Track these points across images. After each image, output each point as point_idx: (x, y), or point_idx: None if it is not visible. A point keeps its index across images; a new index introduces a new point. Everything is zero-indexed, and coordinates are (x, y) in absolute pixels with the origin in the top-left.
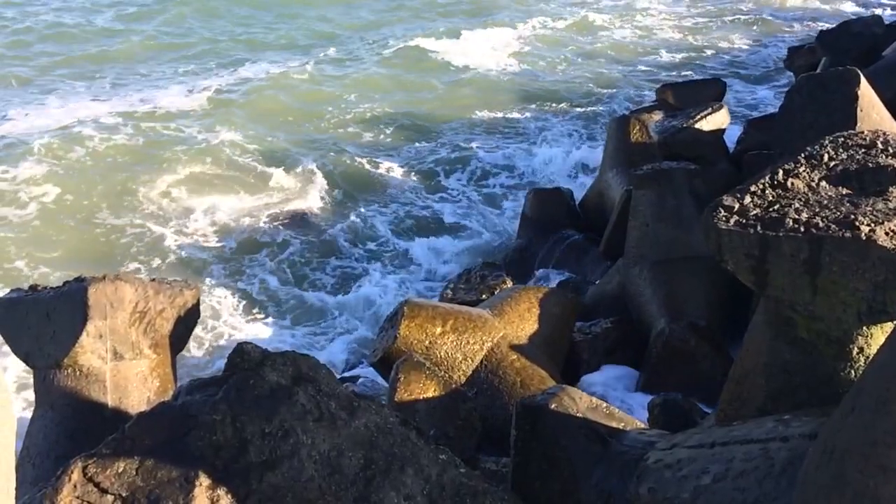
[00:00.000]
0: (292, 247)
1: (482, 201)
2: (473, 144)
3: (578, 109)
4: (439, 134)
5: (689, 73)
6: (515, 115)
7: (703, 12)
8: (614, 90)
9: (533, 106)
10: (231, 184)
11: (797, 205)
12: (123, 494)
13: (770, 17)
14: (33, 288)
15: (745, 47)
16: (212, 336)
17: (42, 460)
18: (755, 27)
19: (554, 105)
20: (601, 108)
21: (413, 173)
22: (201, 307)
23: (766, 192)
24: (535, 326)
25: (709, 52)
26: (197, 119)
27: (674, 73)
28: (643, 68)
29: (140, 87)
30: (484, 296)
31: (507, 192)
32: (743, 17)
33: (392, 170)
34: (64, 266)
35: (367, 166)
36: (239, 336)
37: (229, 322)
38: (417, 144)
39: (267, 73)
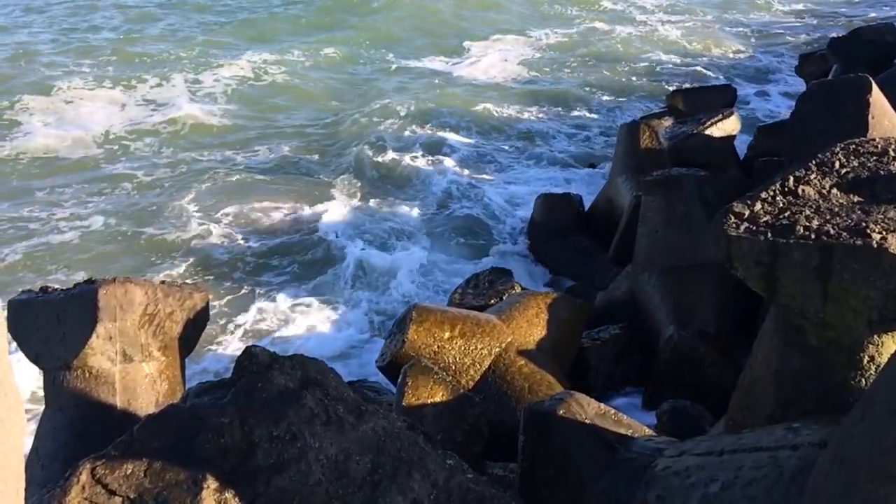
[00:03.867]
0: (307, 250)
1: (495, 205)
2: (485, 149)
3: (588, 115)
4: (450, 136)
5: (700, 78)
6: (523, 121)
7: (714, 18)
8: (624, 96)
9: (542, 113)
10: (248, 188)
11: (808, 212)
12: (131, 496)
13: (781, 24)
14: (44, 290)
15: (757, 53)
16: (222, 338)
17: (51, 461)
18: (766, 33)
19: (563, 111)
20: (611, 113)
21: (425, 179)
22: (211, 310)
23: (777, 198)
24: (544, 332)
25: (719, 57)
26: (213, 132)
27: (684, 79)
28: (653, 74)
29: (155, 89)
30: (492, 301)
31: (519, 198)
32: (754, 24)
33: (405, 174)
34: (87, 271)
35: (383, 171)
36: (250, 339)
37: (240, 325)
38: (429, 150)
39: (275, 67)
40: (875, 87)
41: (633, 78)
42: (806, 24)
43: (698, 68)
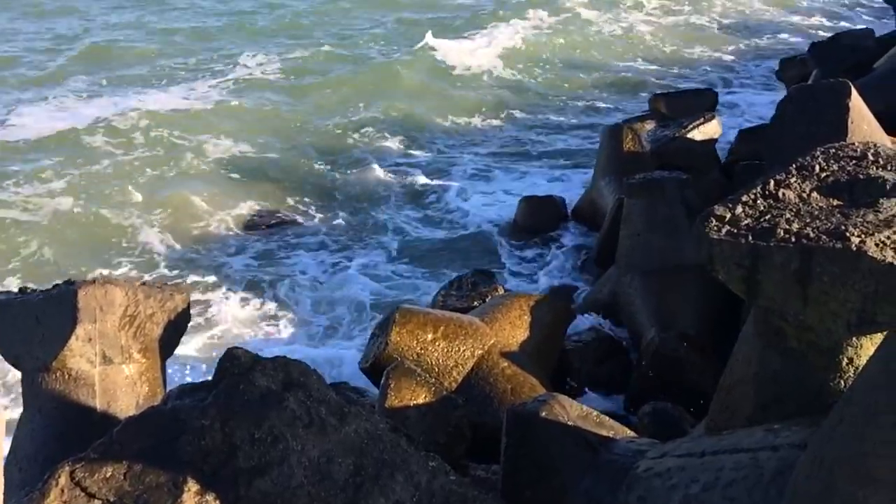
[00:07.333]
0: (289, 253)
1: (475, 208)
2: (466, 152)
3: (570, 118)
4: (429, 140)
5: (682, 82)
6: (505, 123)
7: (697, 22)
8: (607, 99)
9: (524, 116)
10: (226, 187)
11: (788, 215)
12: (111, 499)
13: (762, 28)
14: (22, 290)
15: (738, 58)
16: (203, 340)
17: (29, 464)
18: (748, 37)
19: (545, 114)
20: (593, 116)
21: (407, 179)
22: (193, 311)
23: (758, 202)
24: (527, 334)
25: (701, 62)
26: (195, 124)
27: (666, 83)
28: (636, 78)
29: (142, 87)
30: (476, 303)
31: (500, 200)
32: (736, 28)
33: (388, 173)
34: (65, 267)
35: (364, 169)
36: (231, 341)
37: (221, 327)
38: (407, 148)
39: (262, 73)
40: (854, 92)
41: (616, 81)
42: (787, 28)
43: (680, 72)
